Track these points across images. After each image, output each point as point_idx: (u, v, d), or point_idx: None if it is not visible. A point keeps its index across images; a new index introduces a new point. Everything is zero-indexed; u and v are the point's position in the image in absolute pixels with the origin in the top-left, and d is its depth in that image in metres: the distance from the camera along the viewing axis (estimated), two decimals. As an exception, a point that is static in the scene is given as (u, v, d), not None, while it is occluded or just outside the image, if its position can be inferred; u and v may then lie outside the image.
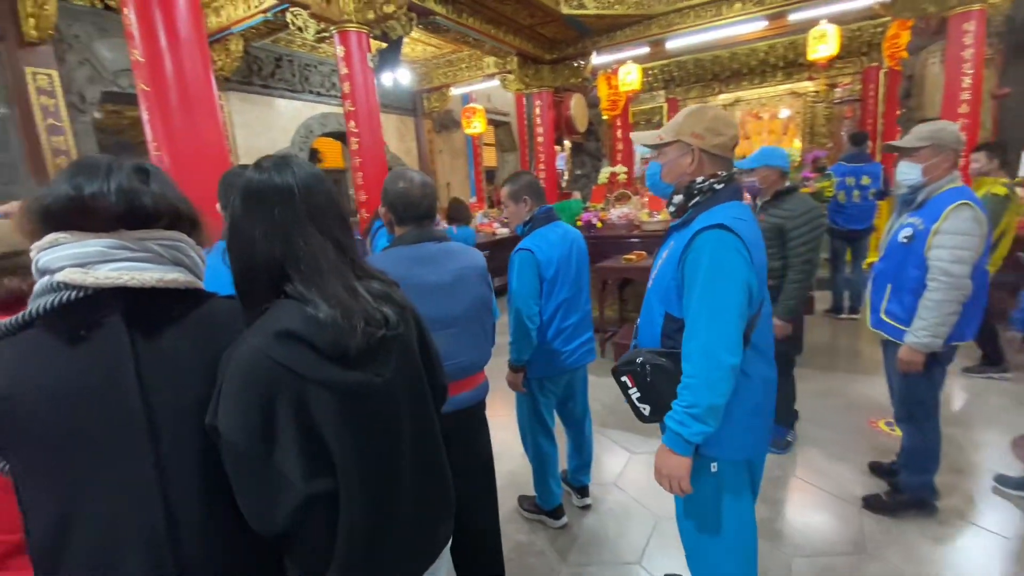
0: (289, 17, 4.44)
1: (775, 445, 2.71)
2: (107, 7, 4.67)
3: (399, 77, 6.27)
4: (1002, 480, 2.26)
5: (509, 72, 6.63)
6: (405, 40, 6.19)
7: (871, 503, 2.22)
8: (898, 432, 2.27)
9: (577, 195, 7.51)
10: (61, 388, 0.70)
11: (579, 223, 5.44)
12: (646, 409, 1.29)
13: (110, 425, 0.71)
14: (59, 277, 0.70)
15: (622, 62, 6.74)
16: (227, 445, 0.73)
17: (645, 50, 6.70)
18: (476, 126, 7.72)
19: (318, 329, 0.76)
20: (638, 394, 1.28)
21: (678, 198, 1.30)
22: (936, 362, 1.96)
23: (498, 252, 5.63)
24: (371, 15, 4.19)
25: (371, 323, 0.81)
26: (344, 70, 4.26)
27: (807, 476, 2.51)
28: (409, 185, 1.44)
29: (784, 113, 8.82)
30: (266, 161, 0.85)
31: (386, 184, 1.48)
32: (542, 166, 7.07)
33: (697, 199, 1.27)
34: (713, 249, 1.15)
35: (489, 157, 12.25)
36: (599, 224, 5.38)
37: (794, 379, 2.77)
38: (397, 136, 7.97)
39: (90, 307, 0.71)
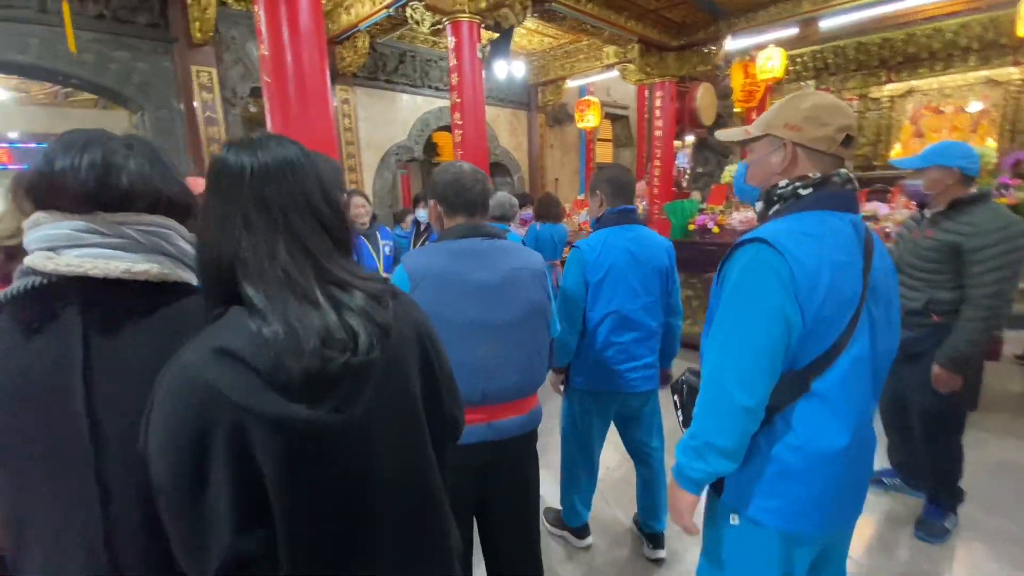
0: (408, 11, 4.55)
1: (927, 531, 2.09)
2: (258, 11, 5.17)
3: (513, 70, 6.17)
4: None
5: (629, 62, 6.21)
6: (520, 31, 6.09)
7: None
8: None
9: (696, 195, 6.85)
10: (9, 383, 0.65)
11: (692, 226, 4.90)
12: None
13: (53, 429, 0.65)
14: (26, 261, 0.65)
15: (762, 47, 5.95)
16: (153, 477, 0.61)
17: (793, 31, 5.83)
18: (590, 120, 7.39)
19: (261, 348, 0.61)
20: (681, 416, 1.15)
21: (759, 205, 1.09)
22: None
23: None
24: (483, 4, 4.12)
25: (330, 344, 0.63)
26: (453, 61, 4.25)
27: (968, 578, 1.89)
28: (459, 172, 1.32)
29: (975, 106, 7.18)
30: (242, 138, 0.71)
31: (434, 176, 1.36)
32: (658, 162, 6.55)
33: (777, 206, 1.04)
34: (743, 267, 0.97)
35: (604, 153, 11.81)
36: (716, 229, 4.79)
37: (960, 447, 2.12)
38: (508, 130, 7.95)
39: (51, 296, 0.65)
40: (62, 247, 0.65)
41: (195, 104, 4.83)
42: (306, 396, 0.62)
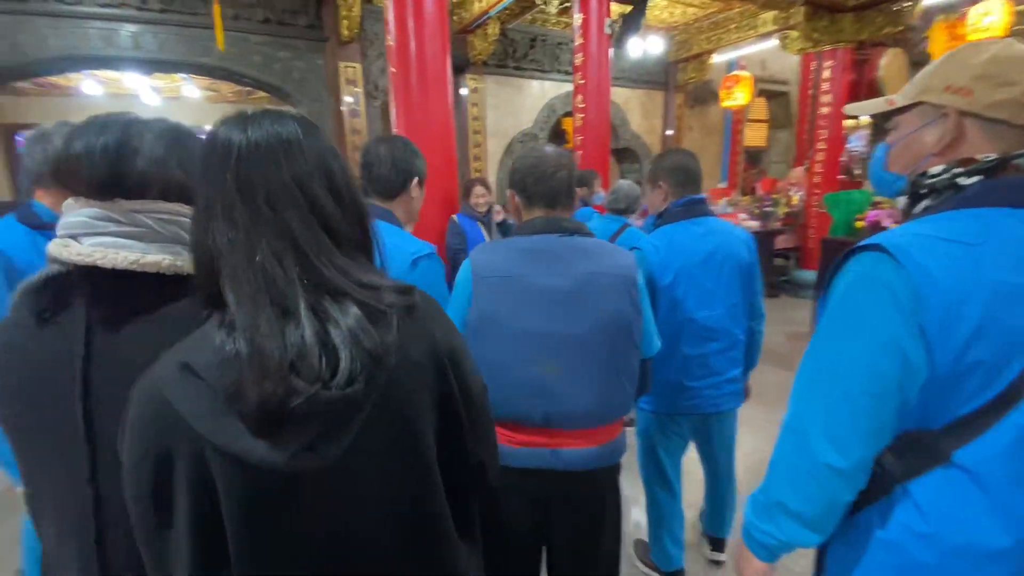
0: (537, -9, 4.39)
1: None
2: (399, 5, 5.42)
3: (649, 46, 5.69)
4: None
5: (792, 28, 5.32)
6: (658, 2, 5.57)
7: None
8: None
9: (867, 185, 5.70)
10: (22, 375, 0.65)
11: (860, 223, 4.06)
12: None
13: (54, 425, 0.64)
14: (47, 248, 0.65)
15: (980, -3, 4.64)
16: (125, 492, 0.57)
17: (1030, -28, 4.46)
18: (738, 97, 6.54)
19: (224, 367, 0.52)
20: None
21: (902, 200, 0.83)
22: None
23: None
24: (614, -26, 3.78)
25: (301, 370, 0.51)
26: (579, 40, 3.99)
27: None
28: (539, 158, 1.17)
29: None
30: (237, 113, 0.62)
31: (515, 162, 1.22)
32: (822, 145, 5.57)
33: (926, 202, 0.78)
34: (851, 283, 0.74)
35: (756, 136, 10.50)
36: (893, 226, 3.89)
37: None
38: (640, 112, 7.41)
39: (65, 285, 0.65)
40: (81, 235, 0.63)
41: (342, 97, 5.26)
42: (269, 430, 0.51)
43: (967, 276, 0.66)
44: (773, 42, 5.95)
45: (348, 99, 5.26)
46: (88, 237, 0.63)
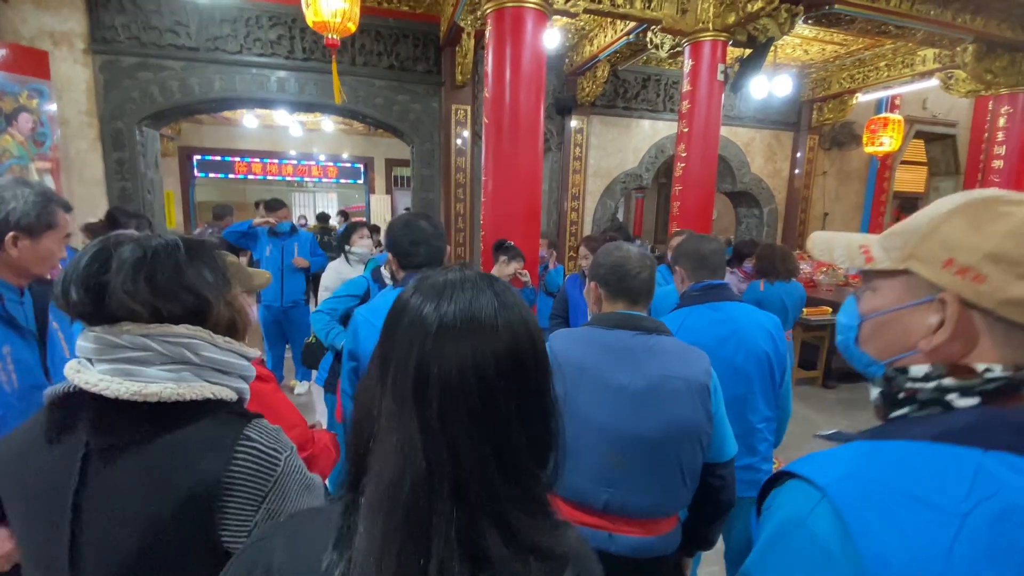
0: (649, 36, 4.22)
1: None
2: (512, 49, 5.58)
3: (775, 87, 5.18)
4: None
5: (957, 68, 4.51)
6: (791, 41, 5.10)
7: None
8: None
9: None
10: (26, 481, 0.67)
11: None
12: None
13: (44, 542, 0.65)
14: (65, 369, 0.68)
15: None
16: None
17: None
18: (885, 143, 5.70)
19: None
20: None
21: (875, 393, 0.58)
22: None
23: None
24: (731, 19, 3.50)
25: None
26: (687, 87, 3.75)
27: None
28: (624, 257, 1.24)
29: None
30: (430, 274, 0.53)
31: (598, 257, 1.29)
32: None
33: (904, 410, 0.54)
34: (776, 529, 0.51)
35: (912, 180, 9.14)
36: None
37: None
38: (764, 154, 6.77)
39: (73, 407, 0.67)
40: (92, 359, 0.65)
41: (451, 138, 5.52)
42: None
43: (933, 564, 0.41)
44: (933, 82, 5.10)
45: (458, 141, 5.50)
46: (100, 363, 0.64)
